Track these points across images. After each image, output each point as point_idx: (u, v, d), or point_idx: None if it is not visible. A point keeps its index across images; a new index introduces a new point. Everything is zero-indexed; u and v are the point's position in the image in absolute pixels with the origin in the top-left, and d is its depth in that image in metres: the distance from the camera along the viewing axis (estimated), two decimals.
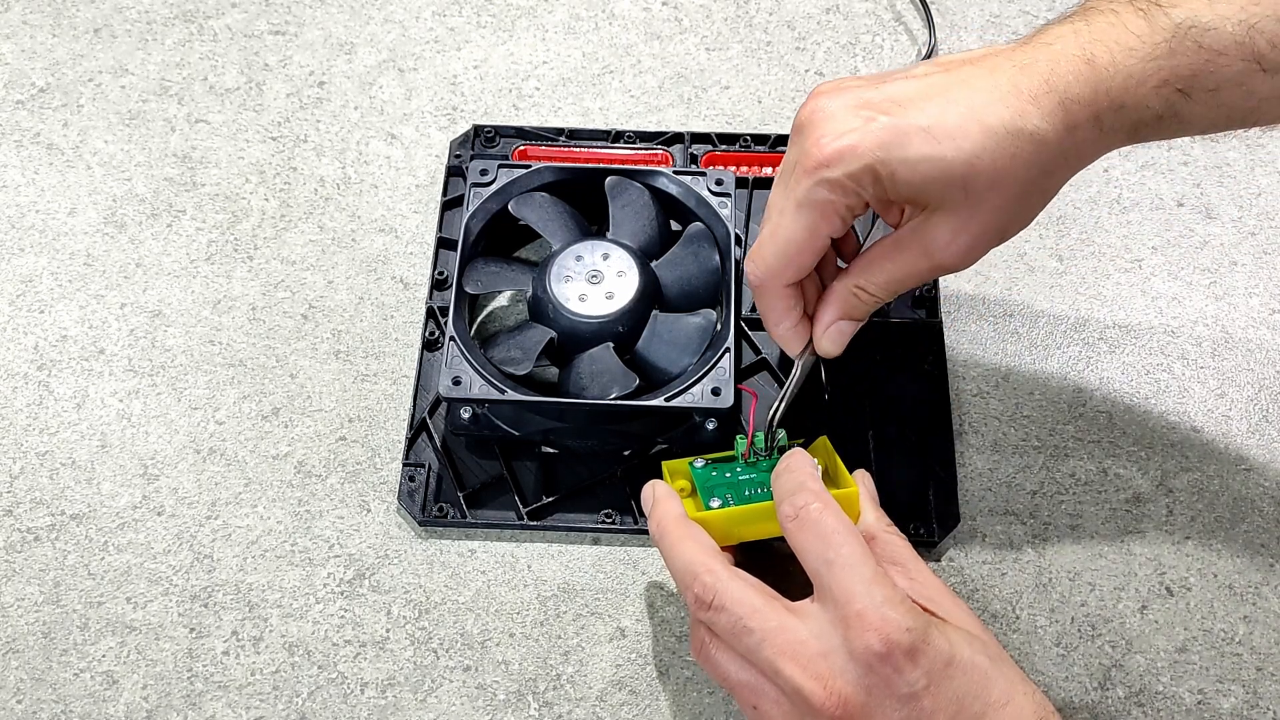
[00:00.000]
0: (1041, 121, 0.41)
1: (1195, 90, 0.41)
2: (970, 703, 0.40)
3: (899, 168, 0.42)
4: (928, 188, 0.42)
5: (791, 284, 0.47)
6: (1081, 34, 0.42)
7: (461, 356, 0.53)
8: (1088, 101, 0.41)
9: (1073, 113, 0.41)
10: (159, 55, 0.71)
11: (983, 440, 0.59)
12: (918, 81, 0.43)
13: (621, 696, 0.52)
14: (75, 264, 0.63)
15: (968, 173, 0.41)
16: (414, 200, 0.66)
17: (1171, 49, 0.41)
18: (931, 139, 0.41)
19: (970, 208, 0.43)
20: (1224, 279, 0.63)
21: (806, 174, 0.43)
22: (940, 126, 0.41)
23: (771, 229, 0.46)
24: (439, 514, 0.55)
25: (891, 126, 0.42)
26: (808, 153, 0.43)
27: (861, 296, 0.47)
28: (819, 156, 0.42)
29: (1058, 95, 0.41)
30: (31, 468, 0.58)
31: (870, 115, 0.42)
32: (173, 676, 0.53)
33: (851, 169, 0.42)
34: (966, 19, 0.72)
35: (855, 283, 0.47)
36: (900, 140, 0.41)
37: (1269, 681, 0.53)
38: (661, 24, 0.72)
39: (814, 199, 0.43)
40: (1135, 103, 0.42)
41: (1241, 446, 0.58)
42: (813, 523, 0.43)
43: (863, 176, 0.42)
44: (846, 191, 0.43)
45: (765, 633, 0.42)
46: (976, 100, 0.41)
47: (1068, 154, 0.43)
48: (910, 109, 0.42)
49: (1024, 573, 0.55)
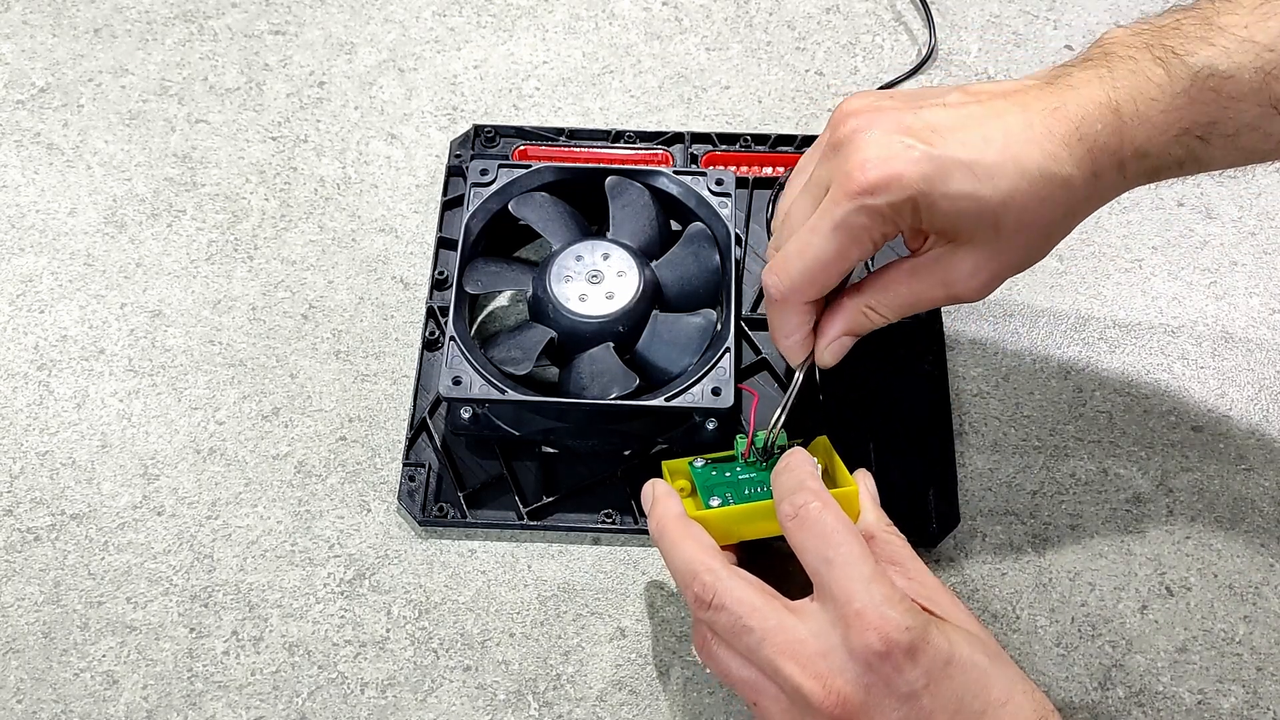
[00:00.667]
0: (1072, 168, 0.42)
1: (1214, 136, 0.42)
2: (970, 701, 0.40)
3: (940, 200, 0.42)
4: (961, 222, 0.43)
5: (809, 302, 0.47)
6: (1105, 81, 0.42)
7: (462, 356, 0.53)
8: (1113, 150, 0.42)
9: (1100, 160, 0.42)
10: (159, 55, 0.71)
11: (983, 440, 0.59)
12: (954, 111, 0.43)
13: (621, 696, 0.52)
14: (75, 264, 0.63)
15: (1001, 211, 0.42)
16: (414, 200, 0.66)
17: (1191, 98, 0.41)
18: (972, 175, 0.42)
19: (996, 244, 0.44)
20: (1224, 279, 0.63)
21: (848, 198, 0.43)
22: (980, 164, 0.42)
23: (800, 246, 0.45)
24: (439, 514, 0.55)
25: (934, 158, 0.42)
26: (850, 175, 0.43)
27: (870, 316, 0.48)
28: (862, 182, 0.42)
29: (1087, 143, 0.42)
30: (32, 467, 0.58)
31: (912, 144, 0.42)
32: (173, 676, 0.53)
33: (895, 199, 0.42)
34: (966, 19, 0.72)
35: (867, 302, 0.47)
36: (942, 174, 0.42)
37: (1269, 681, 0.53)
38: (661, 24, 0.72)
39: (851, 223, 0.43)
40: (1158, 150, 0.42)
41: (1241, 446, 0.58)
42: (812, 521, 0.43)
43: (904, 206, 0.42)
44: (885, 220, 0.43)
45: (765, 631, 0.42)
46: (1012, 140, 0.42)
47: (1091, 197, 0.44)
48: (950, 140, 0.42)
49: (1024, 573, 0.55)
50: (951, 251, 0.44)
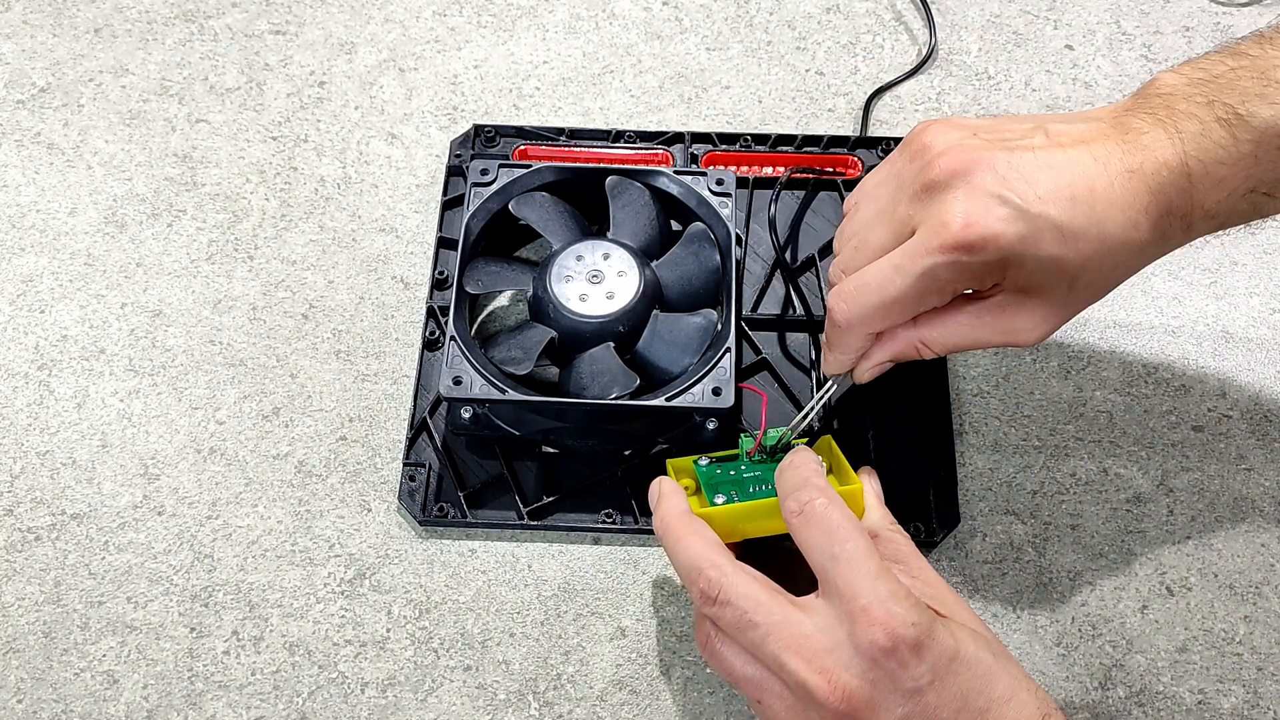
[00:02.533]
0: (1148, 235, 0.42)
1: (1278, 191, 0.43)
2: (974, 698, 0.40)
3: (1029, 262, 0.42)
4: (1041, 279, 0.43)
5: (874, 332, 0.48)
6: (1175, 141, 0.42)
7: (462, 356, 0.53)
8: (1184, 214, 0.43)
9: (1170, 223, 0.43)
10: (159, 55, 0.71)
11: (983, 440, 0.59)
12: (1042, 158, 0.43)
13: (622, 696, 0.52)
14: (76, 264, 0.63)
15: (1078, 273, 0.43)
16: (414, 200, 0.66)
17: (1257, 159, 0.42)
18: (1061, 239, 0.42)
19: (1065, 300, 0.44)
20: (1224, 279, 0.63)
21: (942, 251, 0.43)
22: (1069, 228, 0.42)
23: (880, 281, 0.45)
24: (439, 514, 0.55)
25: (1031, 219, 0.42)
26: (947, 227, 0.42)
27: (921, 350, 0.48)
28: (961, 240, 0.42)
29: (1163, 209, 0.42)
30: (32, 467, 0.58)
31: (1009, 199, 0.42)
32: (173, 676, 0.53)
33: (989, 259, 0.42)
34: (966, 19, 0.72)
35: (922, 337, 0.47)
36: (1035, 236, 0.42)
37: (1269, 681, 0.53)
38: (662, 24, 0.72)
39: (939, 275, 0.43)
40: (1225, 210, 0.43)
41: (1241, 446, 0.58)
42: (818, 518, 0.43)
43: (994, 266, 0.43)
44: (973, 276, 0.43)
45: (770, 627, 0.42)
46: (1098, 203, 0.42)
47: (1153, 258, 0.44)
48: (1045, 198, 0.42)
49: (1024, 573, 0.55)
50: (1020, 302, 0.45)
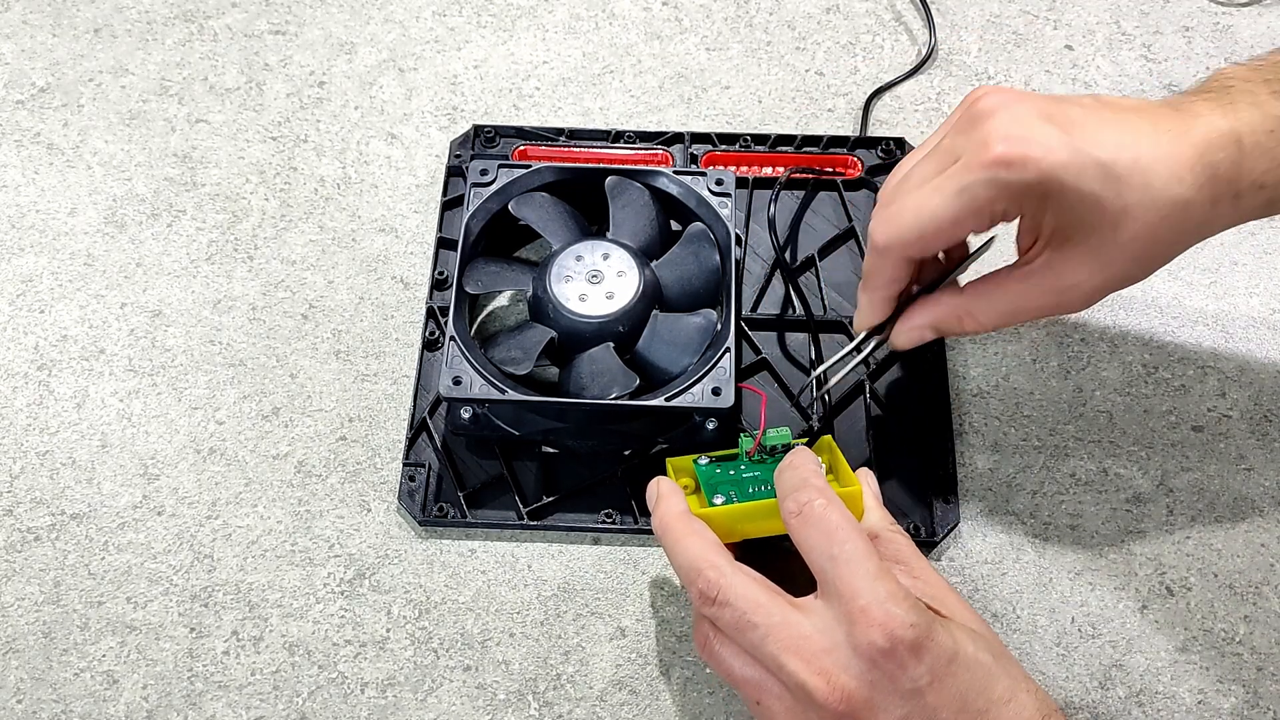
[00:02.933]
0: (1194, 192, 0.42)
1: None
2: (974, 699, 0.40)
3: (1069, 194, 0.42)
4: (1081, 221, 0.43)
5: (910, 259, 0.47)
6: (1228, 111, 0.43)
7: (462, 356, 0.53)
8: (1232, 180, 0.43)
9: (1219, 188, 0.43)
10: (159, 55, 0.71)
11: (983, 440, 0.59)
12: (1091, 113, 0.43)
13: (622, 696, 0.52)
14: (75, 264, 0.63)
15: (1120, 219, 0.42)
16: (414, 200, 0.66)
17: None
18: (1104, 177, 0.42)
19: (1109, 253, 0.44)
20: (1224, 279, 0.63)
21: (981, 167, 0.43)
22: (1112, 169, 0.42)
23: (918, 202, 0.45)
24: (439, 514, 0.55)
25: (1073, 148, 0.42)
26: (986, 145, 0.43)
27: (965, 321, 0.48)
28: (999, 154, 0.42)
29: (1210, 170, 0.42)
30: (32, 467, 0.58)
31: (1053, 130, 0.42)
32: (173, 676, 0.53)
33: (1027, 178, 0.42)
34: (966, 19, 0.72)
35: (968, 306, 0.47)
36: (1077, 166, 0.42)
37: (1269, 681, 0.53)
38: (661, 24, 0.72)
39: (977, 193, 0.43)
40: (1275, 182, 0.43)
41: (1241, 446, 0.58)
42: (817, 518, 0.43)
43: (1033, 189, 0.43)
44: (1011, 198, 0.43)
45: (769, 628, 0.41)
46: (1143, 154, 0.42)
47: (1204, 225, 0.44)
48: (1088, 136, 0.42)
49: (1024, 573, 0.55)
50: (1063, 258, 0.45)
